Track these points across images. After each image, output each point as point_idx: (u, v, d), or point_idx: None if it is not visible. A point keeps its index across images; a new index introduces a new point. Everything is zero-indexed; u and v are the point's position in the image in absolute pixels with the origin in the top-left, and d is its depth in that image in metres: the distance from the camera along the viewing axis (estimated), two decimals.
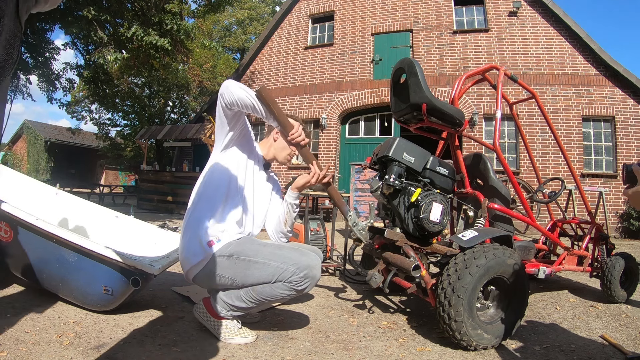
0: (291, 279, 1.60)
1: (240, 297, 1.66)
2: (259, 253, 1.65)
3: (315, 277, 1.64)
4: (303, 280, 1.60)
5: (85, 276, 1.86)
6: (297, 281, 1.60)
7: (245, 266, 1.63)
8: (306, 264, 1.62)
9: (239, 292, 1.66)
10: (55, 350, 1.49)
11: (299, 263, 1.61)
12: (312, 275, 1.62)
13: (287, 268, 1.60)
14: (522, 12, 8.70)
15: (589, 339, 1.98)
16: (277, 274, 1.60)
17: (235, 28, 21.64)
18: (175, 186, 8.97)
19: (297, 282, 1.60)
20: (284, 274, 1.60)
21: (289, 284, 1.60)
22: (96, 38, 6.95)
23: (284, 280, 1.60)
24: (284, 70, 10.78)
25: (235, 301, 1.66)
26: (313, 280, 1.64)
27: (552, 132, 2.89)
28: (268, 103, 1.64)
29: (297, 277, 1.59)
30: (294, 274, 1.59)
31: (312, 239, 3.16)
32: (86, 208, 2.66)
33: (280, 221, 1.90)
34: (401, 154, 2.08)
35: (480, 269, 1.74)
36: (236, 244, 1.68)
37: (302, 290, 1.63)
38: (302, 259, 1.63)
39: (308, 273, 1.61)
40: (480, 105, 8.62)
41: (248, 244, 1.69)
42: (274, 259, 1.62)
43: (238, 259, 1.63)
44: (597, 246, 2.86)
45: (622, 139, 8.01)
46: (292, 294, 1.64)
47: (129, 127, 16.19)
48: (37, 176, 16.19)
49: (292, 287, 1.61)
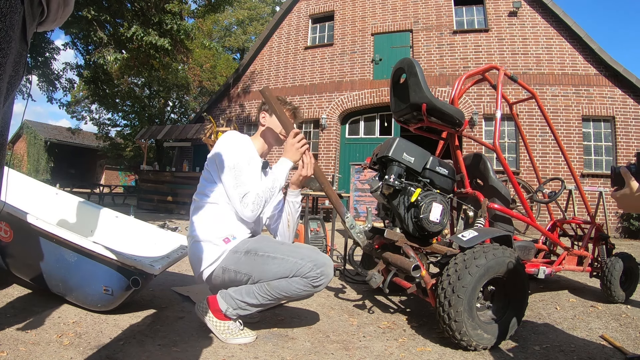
0: (309, 275, 1.61)
1: (252, 292, 1.65)
2: (277, 249, 1.68)
3: (330, 275, 1.66)
4: (320, 277, 1.62)
5: (85, 276, 1.86)
6: (314, 277, 1.62)
7: (263, 261, 1.65)
8: (322, 261, 1.65)
9: (252, 287, 1.66)
10: (55, 350, 1.49)
11: (316, 260, 1.63)
12: (328, 273, 1.65)
13: (305, 264, 1.62)
14: (522, 12, 8.70)
15: (589, 339, 1.98)
16: (296, 269, 1.62)
17: (235, 28, 21.64)
18: (175, 186, 8.97)
19: (314, 278, 1.62)
20: (302, 269, 1.61)
21: (306, 279, 1.62)
22: (96, 38, 6.95)
23: (302, 275, 1.61)
24: (284, 70, 10.79)
25: (246, 297, 1.65)
26: (328, 278, 1.66)
27: (552, 132, 2.89)
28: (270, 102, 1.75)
29: (315, 273, 1.61)
30: (312, 269, 1.61)
31: (312, 239, 3.16)
32: (86, 208, 2.66)
33: (283, 224, 1.92)
34: (401, 154, 2.08)
35: (480, 269, 1.74)
36: (253, 241, 1.74)
37: (318, 286, 1.65)
38: (319, 257, 1.66)
39: (324, 270, 1.63)
40: (480, 105, 8.62)
41: (265, 242, 1.75)
42: (292, 255, 1.65)
43: (257, 254, 1.67)
44: (597, 246, 2.85)
45: (622, 139, 8.01)
46: (308, 290, 1.65)
47: (129, 127, 16.21)
48: (37, 176, 16.19)
49: (309, 283, 1.62)
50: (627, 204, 1.15)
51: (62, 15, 0.74)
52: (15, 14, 0.59)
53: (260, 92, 1.73)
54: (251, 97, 11.22)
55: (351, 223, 1.98)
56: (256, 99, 11.12)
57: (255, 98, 11.14)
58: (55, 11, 0.72)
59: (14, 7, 0.59)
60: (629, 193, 1.12)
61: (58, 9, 0.72)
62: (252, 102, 11.18)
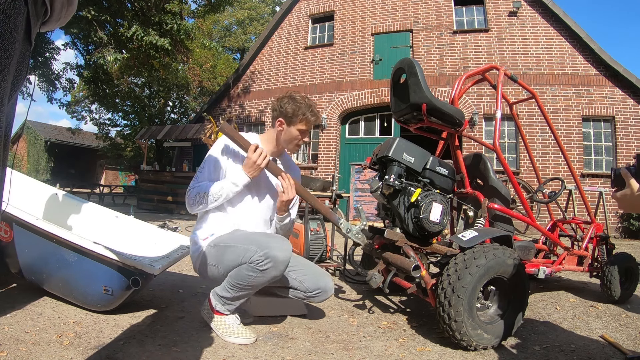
0: (253, 259, 1.60)
1: (224, 286, 1.71)
2: (235, 238, 1.72)
3: (276, 257, 1.59)
4: (263, 260, 1.59)
5: (85, 276, 1.86)
6: (258, 260, 1.59)
7: (222, 252, 1.72)
8: (267, 244, 1.62)
9: (224, 282, 1.71)
10: (55, 350, 1.49)
11: (261, 244, 1.62)
12: (273, 255, 1.59)
13: (250, 248, 1.63)
14: (522, 12, 8.70)
15: (589, 339, 1.98)
16: (242, 255, 1.63)
17: (235, 28, 21.65)
18: (175, 186, 8.96)
19: (258, 262, 1.59)
20: (247, 254, 1.62)
21: (252, 265, 1.61)
22: (96, 38, 6.95)
23: (248, 260, 1.62)
24: (284, 70, 10.79)
25: (222, 292, 1.72)
26: (274, 261, 1.59)
27: (552, 132, 2.89)
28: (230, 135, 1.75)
29: (258, 257, 1.60)
30: (255, 253, 1.60)
31: (312, 239, 3.16)
32: (86, 208, 2.66)
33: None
34: (401, 154, 2.08)
35: (480, 269, 1.74)
36: (225, 235, 1.78)
37: (265, 270, 1.60)
38: (265, 240, 1.65)
39: (268, 253, 1.59)
40: (480, 105, 8.62)
41: (232, 234, 1.78)
42: (241, 242, 1.68)
43: (218, 245, 1.74)
44: (597, 246, 2.86)
45: (622, 139, 8.01)
46: (257, 275, 1.61)
47: (129, 127, 16.20)
48: (37, 176, 16.19)
49: (255, 268, 1.60)
50: (628, 204, 1.16)
51: (66, 14, 0.74)
52: (20, 15, 0.59)
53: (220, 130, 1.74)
54: (251, 97, 11.22)
55: (347, 227, 1.95)
56: (256, 99, 11.12)
57: (255, 98, 11.14)
58: (59, 11, 0.71)
59: (18, 8, 0.58)
60: (630, 193, 1.13)
61: (62, 9, 0.72)
62: (252, 102, 11.18)
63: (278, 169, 1.83)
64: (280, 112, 1.86)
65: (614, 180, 1.19)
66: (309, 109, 1.85)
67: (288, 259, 1.65)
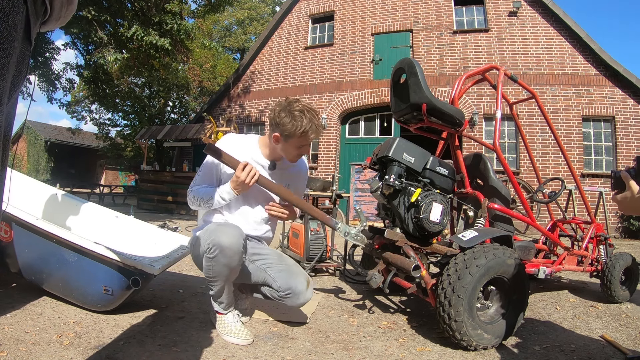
0: (204, 248, 1.63)
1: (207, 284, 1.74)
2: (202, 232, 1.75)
3: (220, 243, 1.56)
4: (212, 248, 1.58)
5: (85, 276, 1.86)
6: (207, 248, 1.61)
7: (195, 245, 1.76)
8: (215, 232, 1.61)
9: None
10: (55, 350, 1.49)
11: (211, 232, 1.63)
12: (217, 241, 1.56)
13: (203, 236, 1.66)
14: (522, 12, 8.70)
15: (589, 339, 1.98)
16: (201, 246, 1.66)
17: (235, 28, 21.64)
18: (175, 186, 8.96)
19: (208, 249, 1.60)
20: (203, 246, 1.64)
21: (206, 254, 1.63)
22: (96, 38, 6.95)
23: (203, 250, 1.64)
24: (284, 70, 10.79)
25: (210, 291, 1.75)
26: (219, 247, 1.56)
27: (552, 132, 2.89)
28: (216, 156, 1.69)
29: (207, 245, 1.61)
30: (205, 242, 1.62)
31: (312, 239, 3.16)
32: (86, 208, 2.66)
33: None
34: (401, 154, 2.08)
35: (480, 269, 1.74)
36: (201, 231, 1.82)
37: (214, 258, 1.59)
38: (215, 228, 1.66)
39: (214, 239, 1.58)
40: (480, 105, 8.62)
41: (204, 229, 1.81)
42: (202, 234, 1.70)
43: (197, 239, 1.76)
44: (597, 246, 2.86)
45: (622, 139, 8.01)
46: (212, 265, 1.61)
47: (129, 127, 16.18)
48: (37, 176, 16.19)
49: (207, 257, 1.62)
50: (629, 207, 1.16)
51: (66, 14, 0.74)
52: (18, 14, 0.59)
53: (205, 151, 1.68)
54: (251, 97, 11.22)
55: (345, 230, 1.90)
56: (256, 99, 11.12)
57: (255, 98, 11.14)
58: (59, 10, 0.71)
59: (16, 7, 0.58)
60: (630, 196, 1.13)
61: (61, 7, 0.71)
62: (252, 102, 11.18)
63: (270, 184, 1.76)
64: (277, 127, 1.72)
65: (614, 183, 1.20)
66: (309, 124, 1.70)
67: (233, 244, 1.58)
